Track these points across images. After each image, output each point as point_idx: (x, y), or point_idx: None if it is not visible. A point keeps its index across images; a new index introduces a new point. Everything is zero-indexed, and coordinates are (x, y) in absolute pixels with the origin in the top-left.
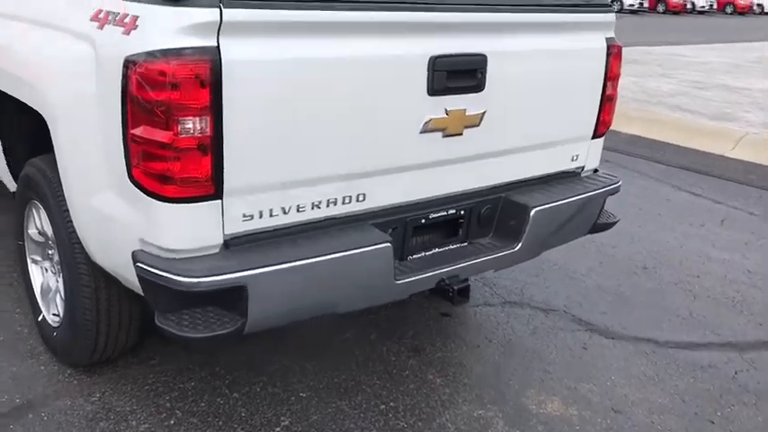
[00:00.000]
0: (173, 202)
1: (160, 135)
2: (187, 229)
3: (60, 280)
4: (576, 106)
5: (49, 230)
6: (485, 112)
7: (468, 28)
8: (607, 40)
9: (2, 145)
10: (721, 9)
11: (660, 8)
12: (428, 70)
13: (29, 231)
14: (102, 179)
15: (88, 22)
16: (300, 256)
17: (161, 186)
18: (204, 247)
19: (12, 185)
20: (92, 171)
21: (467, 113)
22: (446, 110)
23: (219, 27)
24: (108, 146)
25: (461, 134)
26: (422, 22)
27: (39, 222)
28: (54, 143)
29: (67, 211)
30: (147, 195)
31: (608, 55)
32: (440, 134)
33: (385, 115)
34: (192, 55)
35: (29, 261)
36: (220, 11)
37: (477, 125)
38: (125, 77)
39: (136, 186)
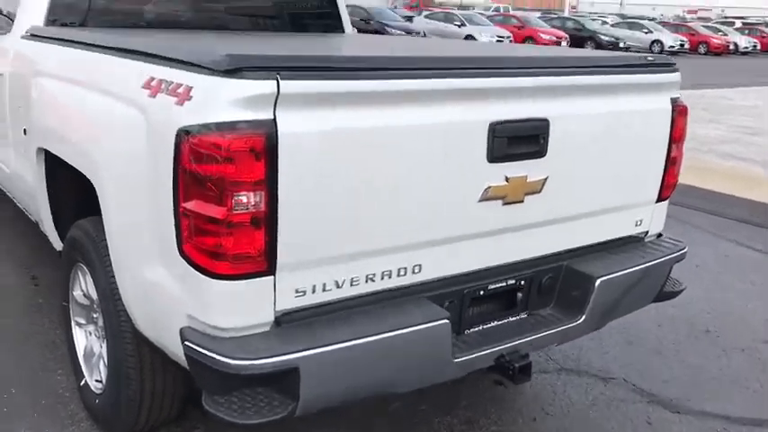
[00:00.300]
0: (224, 279)
1: (213, 210)
2: (238, 307)
3: (104, 346)
4: (639, 169)
5: (94, 295)
6: (547, 179)
7: (529, 92)
8: (672, 100)
9: (49, 204)
10: (765, 50)
11: (701, 49)
12: (488, 137)
13: (74, 293)
14: (150, 250)
15: (140, 90)
16: (355, 335)
17: (212, 262)
18: (255, 324)
19: (58, 244)
20: (140, 241)
21: (528, 180)
22: (506, 177)
23: (276, 99)
24: (157, 217)
25: (522, 201)
26: (480, 88)
27: (84, 285)
28: (102, 209)
29: (114, 277)
30: (198, 271)
31: (673, 116)
32: (500, 202)
33: (443, 184)
34: (248, 128)
35: (73, 323)
36: (277, 83)
37: (539, 192)
38: (177, 149)
39: (186, 261)
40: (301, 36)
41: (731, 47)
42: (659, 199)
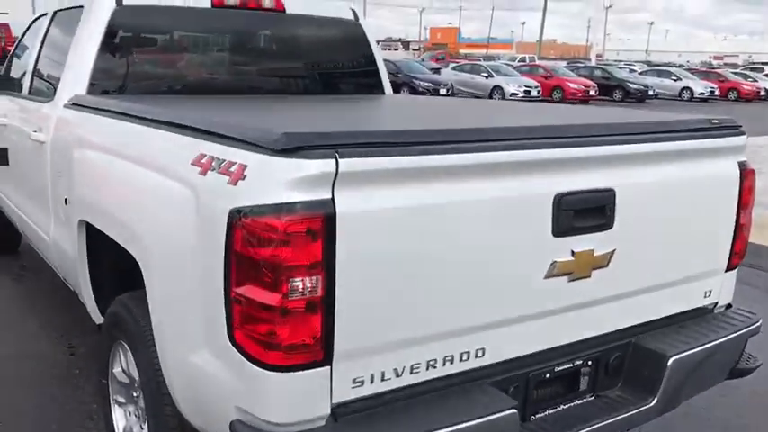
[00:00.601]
0: (277, 370)
1: (267, 297)
2: (292, 400)
3: (145, 427)
4: (708, 237)
5: (135, 374)
6: (614, 251)
7: (594, 162)
8: (739, 164)
9: (90, 275)
10: None
11: (732, 96)
12: (553, 210)
13: (113, 370)
14: (198, 335)
15: (189, 166)
16: (417, 429)
17: (265, 352)
18: (310, 419)
19: (97, 318)
20: (187, 324)
21: (595, 254)
22: (573, 251)
23: (335, 179)
24: (207, 301)
25: (589, 276)
26: (545, 160)
27: (125, 363)
28: (147, 289)
29: (158, 359)
30: (249, 361)
31: (741, 180)
32: (566, 278)
33: (507, 261)
34: (306, 209)
35: (112, 401)
36: (336, 162)
37: (606, 266)
38: (230, 230)
39: (237, 349)
40: (346, 100)
41: (762, 93)
42: (728, 268)
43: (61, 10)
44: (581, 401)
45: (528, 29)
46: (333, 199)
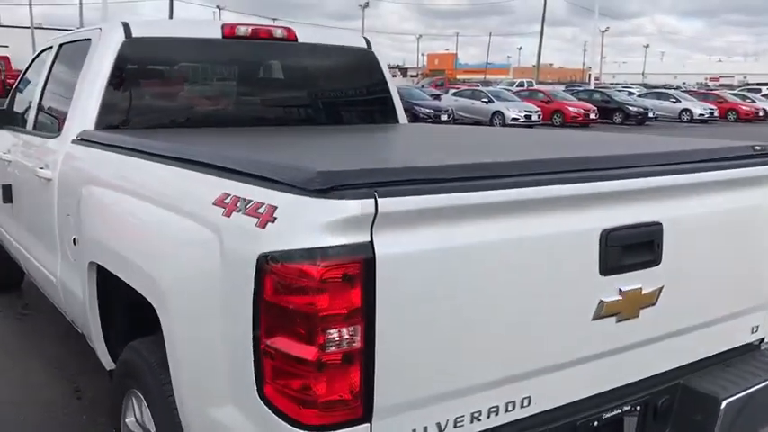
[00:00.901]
0: (313, 430)
1: (301, 349)
2: None
3: None
4: (753, 270)
5: (151, 426)
6: (661, 288)
7: (641, 195)
8: None
9: (100, 318)
10: None
11: (731, 116)
12: (600, 246)
13: (126, 420)
14: (223, 389)
15: (211, 207)
16: None
17: (299, 410)
18: None
19: (108, 363)
20: (211, 377)
21: (643, 292)
22: (620, 290)
23: (374, 220)
24: (232, 352)
25: (637, 316)
26: (595, 194)
27: (139, 413)
28: (165, 338)
29: (176, 411)
30: (282, 419)
31: None
32: (613, 319)
33: (553, 304)
34: (343, 254)
35: None
36: (375, 202)
37: (654, 304)
38: (259, 277)
39: (267, 406)
40: (364, 130)
41: (761, 113)
42: None
43: (67, 43)
44: None
45: (524, 54)
46: (371, 242)
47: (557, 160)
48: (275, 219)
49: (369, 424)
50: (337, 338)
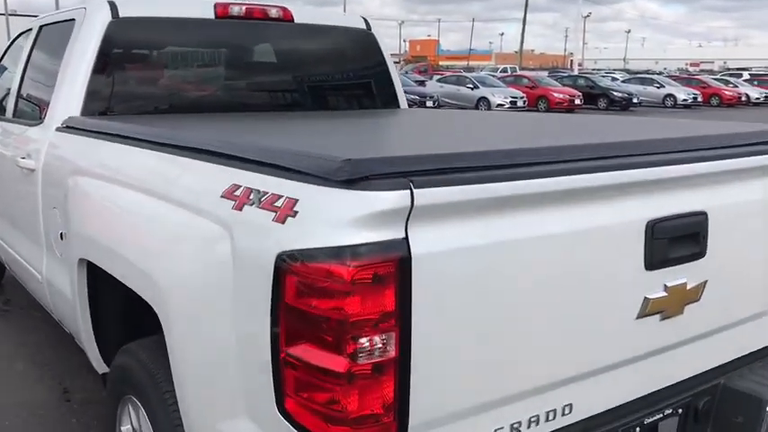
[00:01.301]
0: None
1: (328, 359)
2: None
3: None
4: None
5: None
6: (705, 283)
7: (686, 182)
8: None
9: (91, 320)
10: None
11: (714, 101)
12: (645, 239)
13: (122, 428)
14: (236, 401)
15: (219, 200)
16: None
17: (326, 427)
18: None
19: (101, 367)
20: (221, 388)
21: (688, 287)
22: (665, 286)
23: (409, 214)
24: (247, 361)
25: (681, 313)
26: (641, 181)
27: (136, 422)
28: (168, 344)
29: (179, 421)
30: None
31: None
32: (658, 317)
33: (597, 303)
34: (375, 252)
35: None
36: (411, 194)
37: (698, 300)
38: (278, 279)
39: (288, 421)
40: (369, 115)
41: (743, 98)
42: None
43: (48, 24)
44: None
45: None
46: (407, 238)
47: (608, 145)
48: (296, 213)
49: None
50: (369, 347)
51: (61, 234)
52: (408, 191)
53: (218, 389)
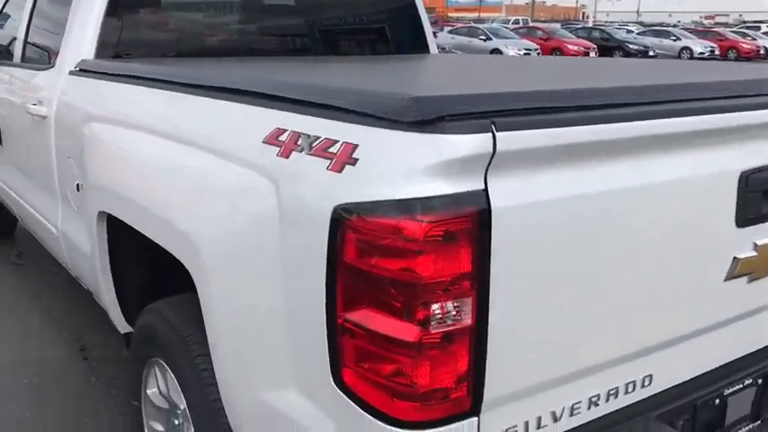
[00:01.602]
0: (408, 427)
1: (396, 327)
2: None
3: None
4: None
5: (179, 401)
6: None
7: None
8: None
9: (112, 275)
10: None
11: (731, 55)
12: (738, 192)
13: (147, 391)
14: (281, 371)
15: (260, 146)
16: None
17: (391, 402)
18: None
19: (122, 326)
20: (264, 356)
21: None
22: (755, 245)
23: (490, 162)
24: (296, 328)
25: None
26: (736, 126)
27: (163, 385)
28: (202, 306)
29: (211, 387)
30: (368, 413)
31: None
32: (745, 279)
33: (684, 263)
34: (451, 206)
35: (146, 429)
36: (493, 138)
37: None
38: (335, 235)
39: (345, 393)
40: (404, 60)
41: (762, 51)
42: None
43: None
44: (746, 429)
45: None
46: (486, 190)
47: (703, 85)
48: (356, 160)
49: (477, 418)
50: (442, 314)
51: (77, 185)
52: (490, 134)
53: (261, 356)
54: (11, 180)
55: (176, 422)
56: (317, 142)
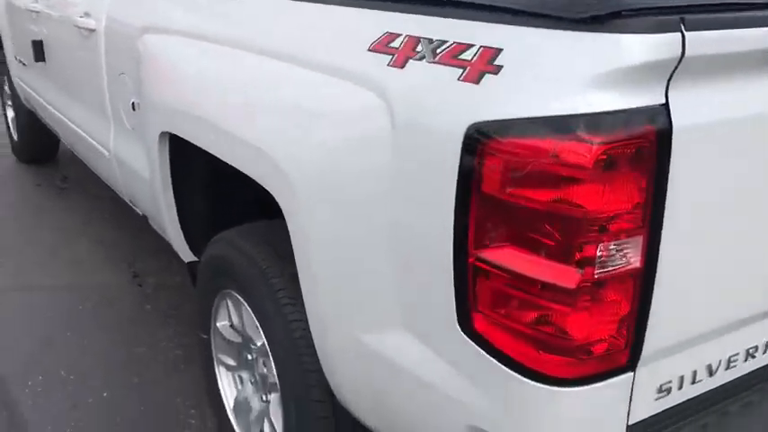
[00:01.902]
0: (555, 384)
1: (549, 269)
2: (569, 425)
3: (272, 400)
4: None
5: (255, 335)
6: None
7: None
8: None
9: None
10: None
11: None
12: None
13: (217, 324)
14: (387, 310)
15: (364, 54)
16: None
17: (535, 354)
18: None
19: (187, 255)
20: (366, 294)
21: None
22: None
23: (675, 69)
24: (411, 265)
25: None
26: None
27: (237, 319)
28: (293, 238)
29: (295, 323)
30: (507, 366)
31: None
32: None
33: None
34: (626, 124)
35: (216, 363)
36: (682, 38)
37: None
38: (470, 159)
39: (475, 341)
40: None
41: None
42: None
43: None
44: None
45: None
46: (667, 104)
47: None
48: (499, 68)
49: (632, 373)
50: (607, 254)
51: (133, 104)
52: (678, 34)
53: (364, 295)
54: (56, 100)
55: (249, 357)
56: (444, 48)
